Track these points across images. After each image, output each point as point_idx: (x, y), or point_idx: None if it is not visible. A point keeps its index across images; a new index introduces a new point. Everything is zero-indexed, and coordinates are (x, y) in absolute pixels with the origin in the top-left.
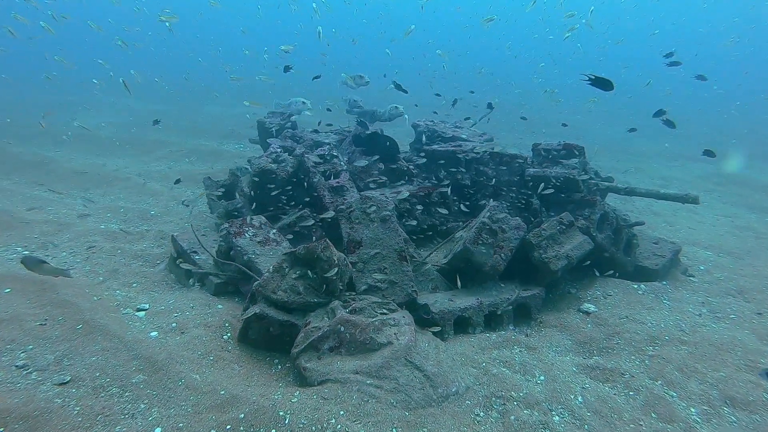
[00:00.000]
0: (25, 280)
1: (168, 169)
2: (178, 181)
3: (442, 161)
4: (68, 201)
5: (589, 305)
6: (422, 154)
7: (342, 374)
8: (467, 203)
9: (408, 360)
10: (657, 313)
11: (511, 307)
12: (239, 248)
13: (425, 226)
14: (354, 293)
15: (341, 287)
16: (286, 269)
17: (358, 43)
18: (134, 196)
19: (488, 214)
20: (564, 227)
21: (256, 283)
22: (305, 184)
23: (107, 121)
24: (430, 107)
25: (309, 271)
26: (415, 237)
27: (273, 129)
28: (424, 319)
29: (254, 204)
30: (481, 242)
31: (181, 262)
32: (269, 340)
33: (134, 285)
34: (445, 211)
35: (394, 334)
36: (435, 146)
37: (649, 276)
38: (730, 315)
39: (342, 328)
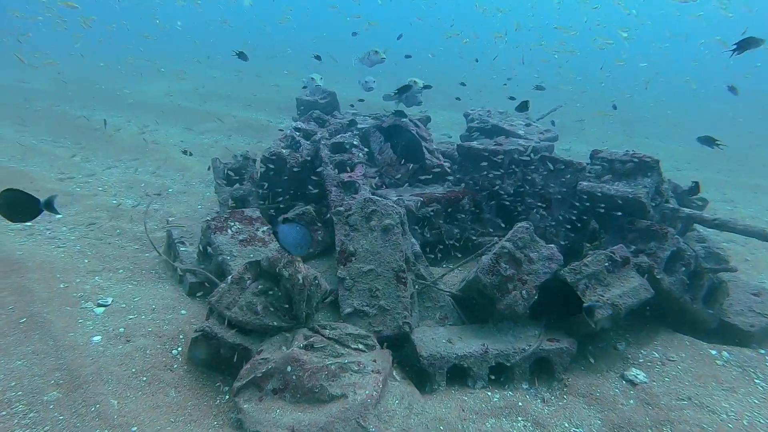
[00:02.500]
0: None
1: (214, 142)
2: (185, 152)
3: (483, 162)
4: (97, 169)
5: (638, 372)
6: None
7: (275, 429)
8: (506, 215)
9: (360, 424)
10: (740, 400)
11: (527, 361)
12: (216, 246)
13: (447, 239)
14: (325, 322)
15: (307, 311)
16: (248, 281)
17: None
18: (162, 170)
19: (512, 236)
20: (615, 264)
21: (211, 294)
22: (315, 175)
23: (171, 87)
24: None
25: (274, 288)
26: (435, 250)
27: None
28: (411, 361)
29: (268, 193)
30: (497, 273)
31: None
32: (221, 362)
33: (120, 271)
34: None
35: (353, 384)
36: (474, 143)
37: (738, 339)
38: None
39: (289, 368)
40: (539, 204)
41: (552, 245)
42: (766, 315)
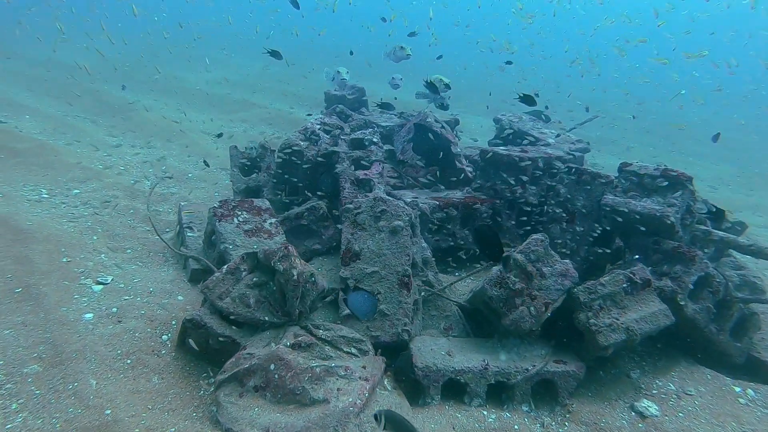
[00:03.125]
0: (5, 226)
1: (242, 132)
2: (219, 135)
3: (505, 169)
4: (123, 148)
5: (650, 404)
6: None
7: (250, 428)
8: (528, 226)
9: None
10: None
11: (529, 383)
12: (219, 234)
13: (462, 246)
14: (320, 322)
15: (301, 309)
16: (243, 272)
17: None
18: (185, 155)
19: (525, 248)
20: (634, 286)
21: (204, 282)
22: (332, 170)
23: (207, 76)
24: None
25: (269, 282)
26: (449, 257)
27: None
28: (406, 371)
29: (284, 185)
30: (506, 285)
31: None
32: (210, 352)
33: (128, 251)
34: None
35: (337, 389)
36: (498, 148)
37: (767, 377)
38: None
39: (272, 367)
40: (562, 216)
41: (567, 261)
42: None
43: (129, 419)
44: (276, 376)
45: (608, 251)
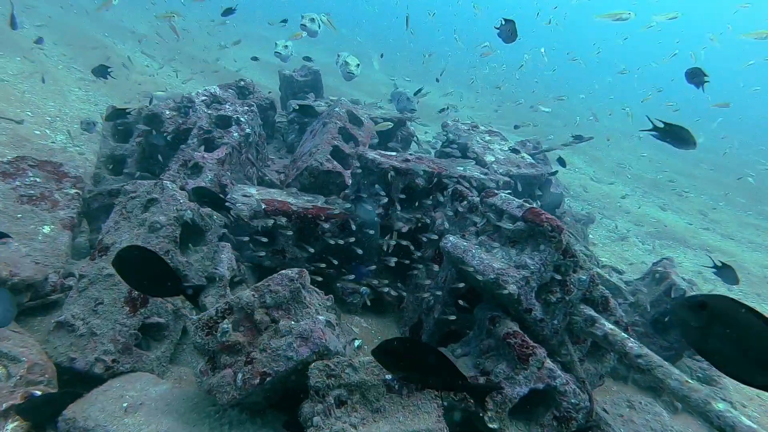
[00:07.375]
0: None
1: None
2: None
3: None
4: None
5: None
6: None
7: None
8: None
9: None
10: None
11: None
12: None
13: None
14: None
15: None
16: None
17: None
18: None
19: (263, 286)
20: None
21: None
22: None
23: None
24: None
25: None
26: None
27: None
28: None
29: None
30: (214, 334)
31: None
32: None
33: None
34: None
35: None
36: (373, 153)
37: None
38: None
39: None
40: (430, 256)
41: (321, 318)
42: None
43: None
44: None
45: (454, 317)
